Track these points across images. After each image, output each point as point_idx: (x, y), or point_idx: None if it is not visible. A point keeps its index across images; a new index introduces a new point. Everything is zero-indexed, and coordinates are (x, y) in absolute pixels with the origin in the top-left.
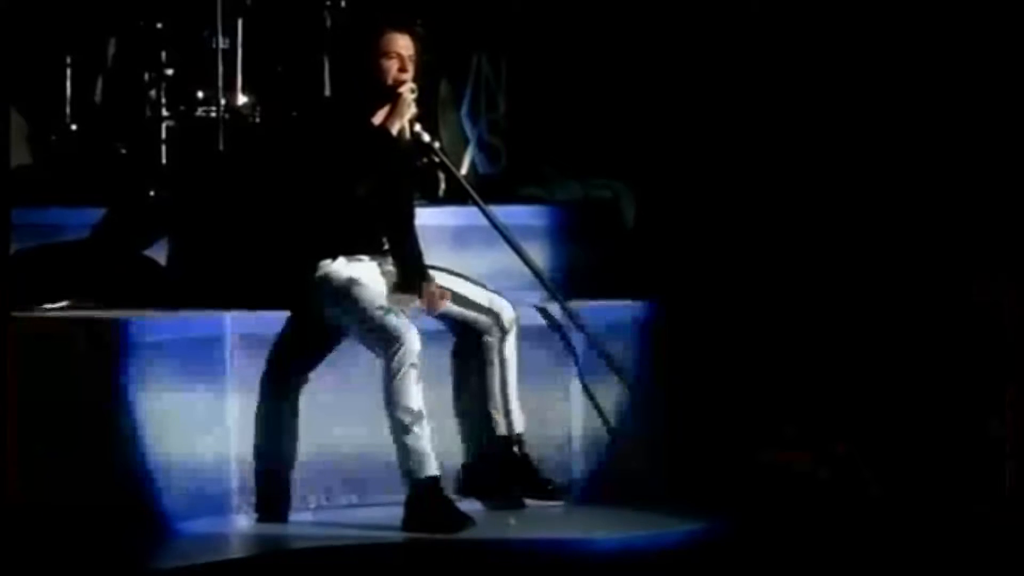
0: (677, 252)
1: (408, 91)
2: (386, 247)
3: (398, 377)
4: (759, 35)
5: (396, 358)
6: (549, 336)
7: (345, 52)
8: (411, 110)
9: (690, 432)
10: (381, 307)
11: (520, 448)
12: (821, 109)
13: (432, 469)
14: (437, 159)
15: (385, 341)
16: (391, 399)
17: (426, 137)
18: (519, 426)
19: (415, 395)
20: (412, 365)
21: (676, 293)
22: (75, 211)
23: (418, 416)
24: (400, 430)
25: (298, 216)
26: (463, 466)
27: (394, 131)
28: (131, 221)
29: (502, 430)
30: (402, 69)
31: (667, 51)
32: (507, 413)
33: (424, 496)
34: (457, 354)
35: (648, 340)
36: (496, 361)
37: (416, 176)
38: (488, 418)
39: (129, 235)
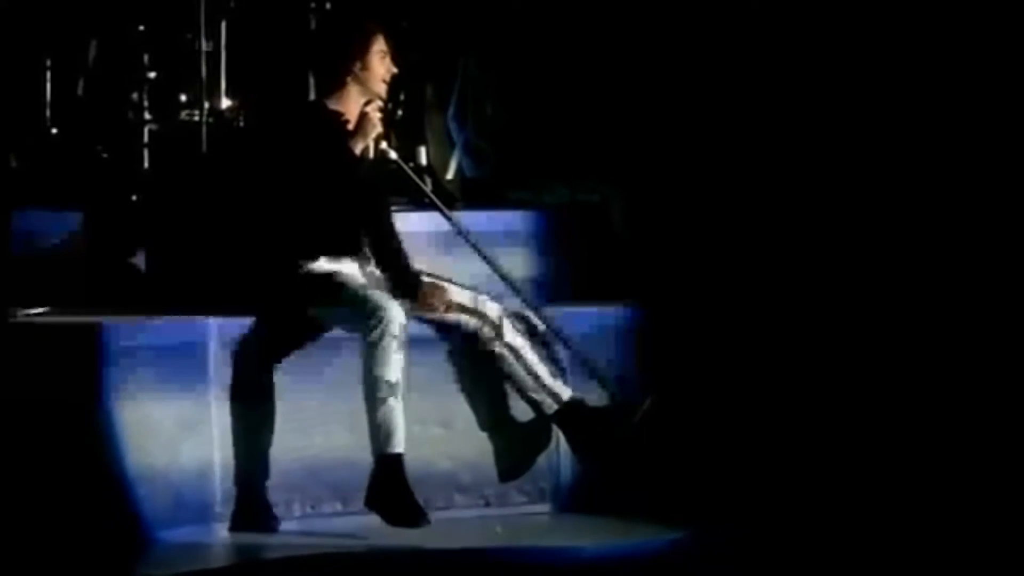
0: (665, 256)
1: (374, 110)
2: (366, 250)
3: (379, 347)
4: (751, 37)
5: (378, 328)
6: (532, 341)
7: (340, 52)
8: (376, 129)
9: (675, 439)
10: (362, 285)
11: (583, 406)
12: (811, 113)
13: (399, 446)
14: (406, 174)
15: (366, 313)
16: (369, 369)
17: (392, 155)
18: (566, 394)
19: (394, 367)
20: (393, 336)
21: (662, 297)
22: (55, 215)
23: (395, 388)
24: (374, 400)
25: (279, 221)
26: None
27: (357, 151)
28: (112, 226)
29: (551, 406)
30: (389, 70)
31: (656, 53)
32: (546, 389)
33: (387, 472)
34: (454, 360)
35: (631, 345)
36: (505, 352)
37: (392, 187)
38: (532, 403)
39: (110, 240)
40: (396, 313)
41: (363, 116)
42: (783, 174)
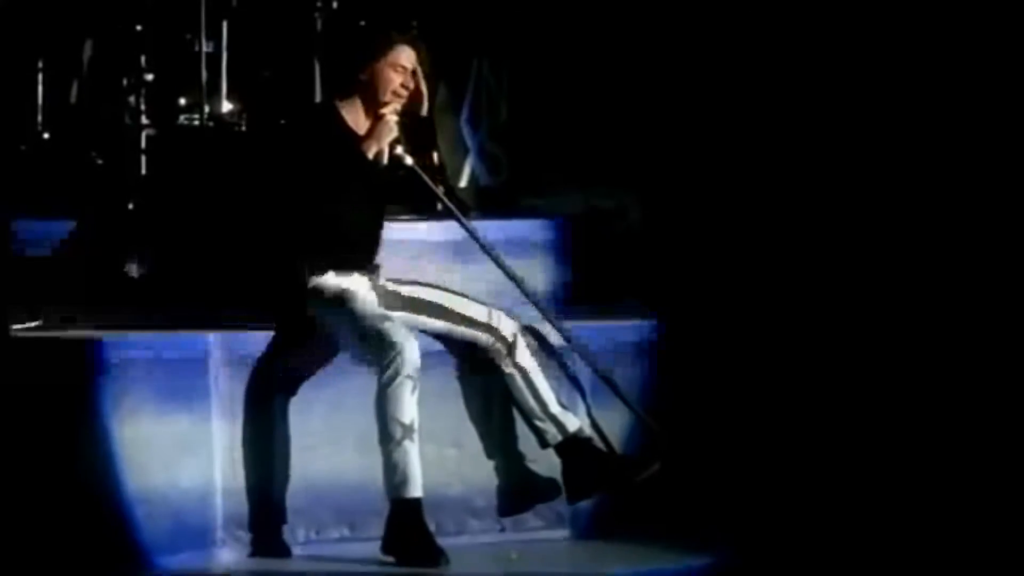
0: (686, 267)
1: (391, 114)
2: (375, 263)
3: (392, 386)
4: (772, 38)
5: (392, 367)
6: (548, 359)
7: (346, 56)
8: (391, 134)
9: (698, 460)
10: (376, 315)
11: (587, 444)
12: (836, 118)
13: (416, 490)
14: (421, 180)
15: (380, 349)
16: (383, 410)
17: (408, 160)
18: (572, 425)
19: (409, 408)
20: (408, 376)
21: (685, 311)
22: (48, 224)
23: (409, 430)
24: (389, 444)
25: (285, 230)
26: (511, 487)
27: (371, 155)
28: (108, 236)
29: (555, 436)
30: (404, 84)
31: (676, 56)
32: (552, 418)
33: (405, 518)
34: (466, 378)
35: (654, 362)
36: (515, 374)
37: (404, 194)
38: (536, 431)
39: (105, 250)
40: (411, 351)
41: (379, 119)
42: (812, 179)
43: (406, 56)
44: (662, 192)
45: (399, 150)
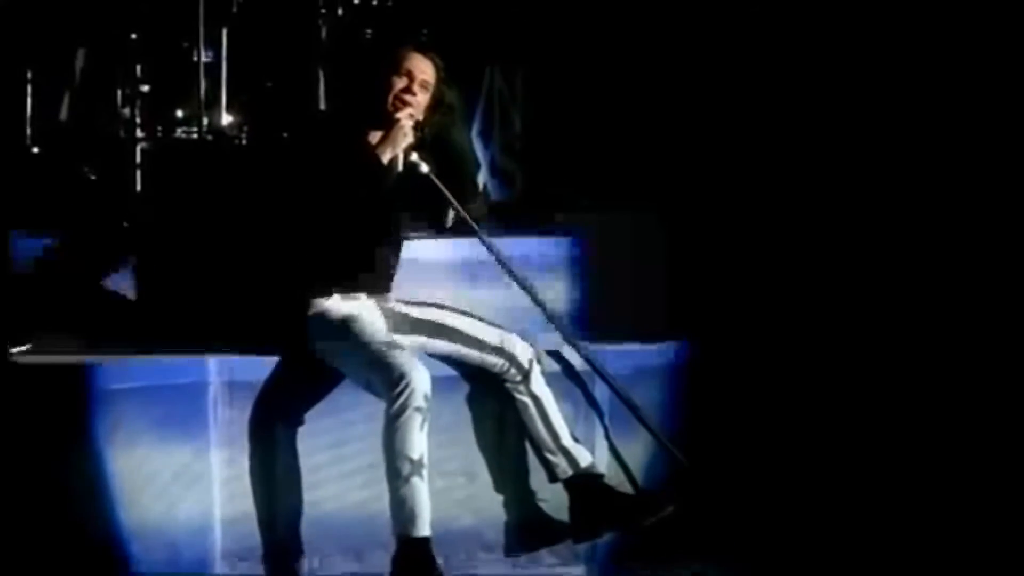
0: (712, 286)
1: (407, 118)
2: (385, 283)
3: (400, 420)
4: (803, 41)
5: (399, 399)
6: (567, 384)
7: (352, 64)
8: (407, 139)
9: (724, 494)
10: (383, 343)
11: (598, 480)
12: (866, 131)
13: (424, 529)
14: (436, 190)
15: (388, 380)
16: (390, 444)
17: (424, 168)
18: (584, 460)
19: (417, 443)
20: (417, 409)
21: (712, 333)
22: (36, 243)
23: (418, 466)
24: (396, 479)
25: (288, 249)
26: (523, 523)
27: (385, 159)
28: (101, 255)
29: (565, 471)
30: (407, 90)
31: (700, 66)
32: (563, 451)
33: (412, 558)
34: (478, 405)
35: (680, 387)
36: (528, 402)
37: (416, 207)
38: (546, 464)
39: (99, 271)
40: (420, 382)
41: (394, 124)
42: (840, 192)
43: (417, 65)
44: (686, 206)
45: (414, 157)
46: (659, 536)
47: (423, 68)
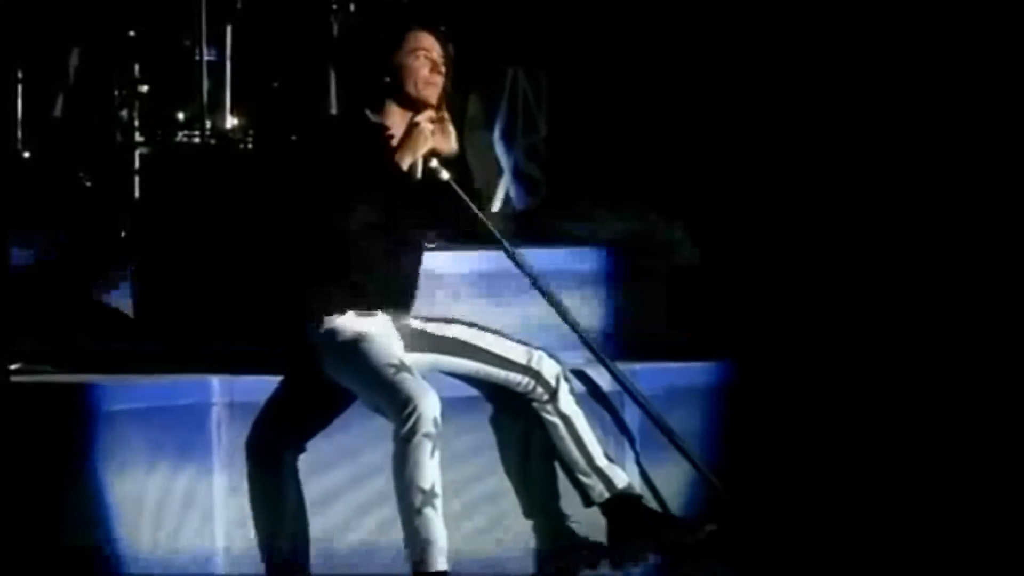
0: (750, 302)
1: (427, 120)
2: (405, 300)
3: (409, 446)
4: (833, 54)
5: (408, 425)
6: (596, 405)
7: (363, 56)
8: (427, 144)
9: (764, 520)
10: (392, 365)
11: (637, 501)
12: (904, 137)
13: (441, 562)
14: (457, 199)
15: (396, 405)
16: (400, 473)
17: (444, 175)
18: (621, 480)
19: (428, 472)
20: (426, 435)
21: (752, 351)
22: (28, 253)
23: (430, 496)
24: (409, 511)
25: (298, 263)
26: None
27: (404, 166)
28: (98, 265)
29: (602, 493)
30: (434, 70)
31: (736, 70)
32: (598, 472)
33: None
34: (503, 426)
35: (717, 409)
36: (558, 422)
37: (434, 215)
38: (580, 487)
39: (95, 282)
40: (427, 407)
41: (414, 126)
42: (882, 200)
43: (428, 41)
44: (721, 215)
45: (434, 163)
46: (697, 565)
47: (431, 45)
